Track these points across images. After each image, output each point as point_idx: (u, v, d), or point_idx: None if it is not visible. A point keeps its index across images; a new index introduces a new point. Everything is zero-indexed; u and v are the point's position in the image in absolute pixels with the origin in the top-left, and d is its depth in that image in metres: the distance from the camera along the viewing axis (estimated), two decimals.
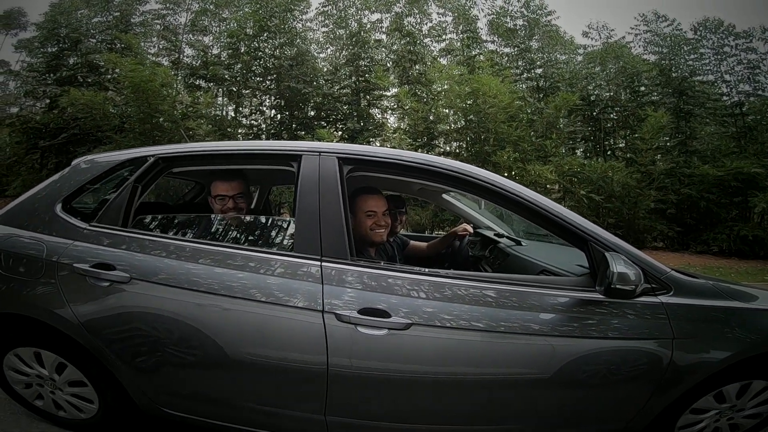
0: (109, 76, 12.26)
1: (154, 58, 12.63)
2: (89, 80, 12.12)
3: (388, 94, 13.18)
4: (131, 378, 1.41)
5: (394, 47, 13.85)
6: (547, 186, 9.82)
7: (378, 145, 11.76)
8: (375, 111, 13.32)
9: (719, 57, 12.93)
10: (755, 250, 9.85)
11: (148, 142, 9.35)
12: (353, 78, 12.98)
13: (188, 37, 13.46)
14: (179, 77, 12.52)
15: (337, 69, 13.33)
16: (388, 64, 13.66)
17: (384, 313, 1.26)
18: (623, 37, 13.45)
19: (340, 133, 12.16)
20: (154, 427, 1.62)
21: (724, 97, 12.83)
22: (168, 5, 13.63)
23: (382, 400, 1.32)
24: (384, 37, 14.15)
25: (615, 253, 1.32)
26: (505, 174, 9.39)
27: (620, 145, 13.11)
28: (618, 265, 1.25)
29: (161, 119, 10.23)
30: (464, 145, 11.66)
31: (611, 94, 12.86)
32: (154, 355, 1.36)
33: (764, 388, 1.55)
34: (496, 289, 1.33)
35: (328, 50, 14.23)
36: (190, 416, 1.43)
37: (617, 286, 1.24)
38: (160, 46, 13.51)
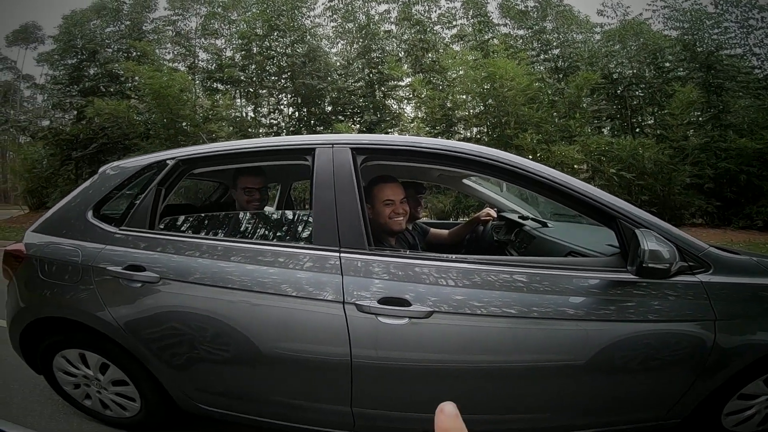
0: (129, 85, 12.65)
1: (170, 64, 12.90)
2: (111, 90, 12.53)
3: (403, 84, 13.03)
4: (168, 376, 1.46)
5: (405, 37, 13.67)
6: (575, 166, 9.49)
7: (397, 135, 11.69)
8: (391, 102, 13.21)
9: (745, 30, 12.24)
10: None
11: (173, 146, 9.58)
12: (366, 70, 12.91)
13: (201, 41, 13.69)
14: (197, 81, 12.77)
15: (350, 63, 13.29)
16: (401, 54, 13.49)
17: (404, 302, 1.25)
18: (640, 14, 12.87)
19: (357, 126, 12.15)
20: (193, 423, 1.67)
21: (756, 71, 12.14)
22: (176, 11, 13.87)
23: (407, 389, 1.32)
24: (393, 27, 13.99)
25: (646, 229, 1.26)
26: (530, 156, 9.14)
27: (649, 122, 12.53)
28: (649, 243, 1.19)
29: (184, 124, 10.49)
30: (485, 130, 11.42)
31: (634, 71, 12.31)
32: (187, 353, 1.40)
33: None
34: (523, 273, 1.30)
35: (339, 45, 14.20)
36: (225, 411, 1.47)
37: (649, 265, 1.18)
38: (175, 52, 13.78)
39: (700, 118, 11.19)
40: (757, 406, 1.48)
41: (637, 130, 12.17)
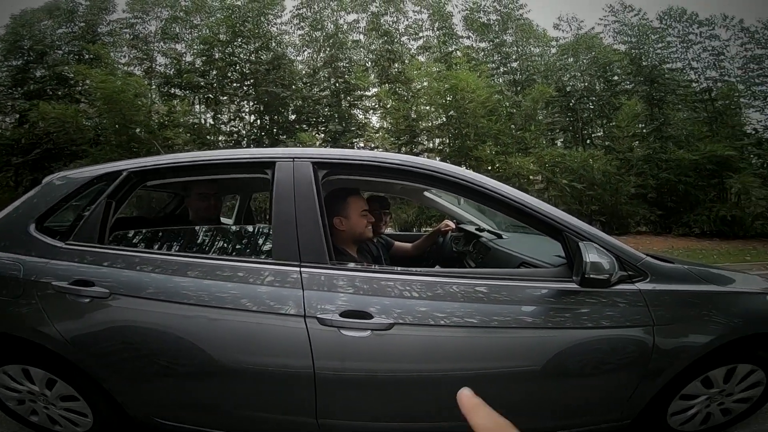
0: (79, 88, 11.92)
1: (125, 68, 12.32)
2: (59, 93, 11.77)
3: (369, 94, 13.15)
4: (121, 391, 1.41)
5: (372, 47, 13.83)
6: (530, 177, 9.95)
7: (362, 145, 11.75)
8: (357, 112, 13.27)
9: (685, 45, 13.38)
10: (734, 230, 10.17)
11: (125, 153, 9.16)
12: (332, 80, 12.92)
13: (160, 46, 13.18)
14: (153, 86, 12.26)
15: (315, 71, 13.24)
16: (368, 64, 13.62)
17: (366, 315, 1.26)
18: (593, 28, 13.77)
19: (322, 135, 12.09)
20: None
21: (693, 84, 13.21)
22: (136, 14, 13.28)
23: (371, 401, 1.33)
24: (361, 37, 14.11)
25: (589, 242, 1.32)
26: (489, 167, 9.49)
27: (598, 134, 13.36)
28: (591, 255, 1.25)
29: (137, 130, 10.03)
30: (447, 141, 11.72)
31: (586, 84, 13.13)
32: (142, 368, 1.36)
33: (750, 372, 1.57)
34: (474, 284, 1.34)
35: (305, 53, 14.13)
36: (184, 425, 1.43)
37: (591, 276, 1.24)
38: (131, 56, 13.18)
39: (644, 130, 12.06)
40: (698, 406, 1.59)
41: (588, 141, 12.92)
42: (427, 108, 11.65)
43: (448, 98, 10.55)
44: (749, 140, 11.84)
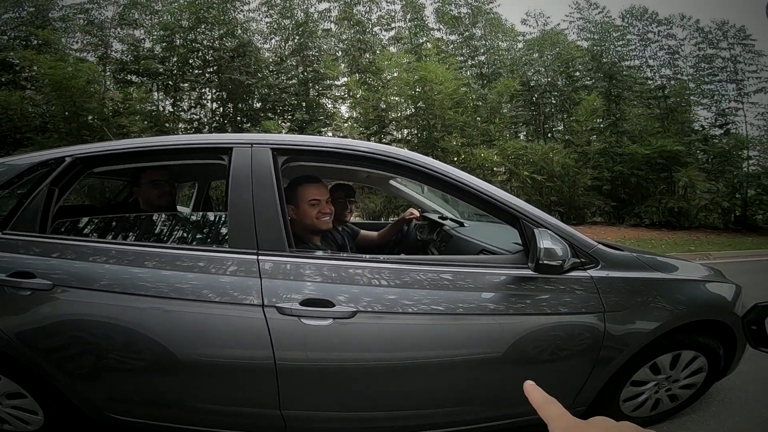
0: (25, 74, 11.05)
1: (78, 54, 11.51)
2: (2, 79, 10.84)
3: (338, 83, 12.96)
4: (72, 387, 1.35)
5: (344, 36, 13.61)
6: (493, 169, 10.18)
7: (330, 134, 11.61)
8: (325, 101, 13.05)
9: (644, 43, 13.85)
10: (681, 221, 10.86)
11: (75, 141, 8.57)
12: (300, 68, 12.62)
13: (117, 32, 12.37)
14: (108, 73, 11.54)
15: (283, 59, 12.89)
16: (338, 54, 13.40)
17: (327, 303, 1.25)
18: (558, 24, 14.06)
19: (288, 124, 11.83)
20: None
21: (649, 81, 13.74)
22: None
23: (336, 390, 1.33)
24: (333, 26, 13.84)
25: (543, 229, 1.36)
26: (455, 159, 9.64)
27: (559, 128, 13.71)
28: (545, 241, 1.29)
29: (89, 117, 9.44)
30: (415, 132, 11.78)
31: (549, 79, 13.40)
32: (93, 363, 1.31)
33: (693, 358, 1.66)
34: (440, 271, 1.35)
35: (273, 41, 13.70)
36: (141, 420, 1.39)
37: (545, 262, 1.28)
38: (85, 42, 12.29)
39: (601, 125, 12.49)
40: (648, 392, 1.67)
41: (549, 135, 13.31)
42: (397, 99, 11.64)
43: (417, 89, 10.57)
44: (696, 136, 12.57)
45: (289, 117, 12.18)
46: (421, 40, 13.68)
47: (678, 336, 1.59)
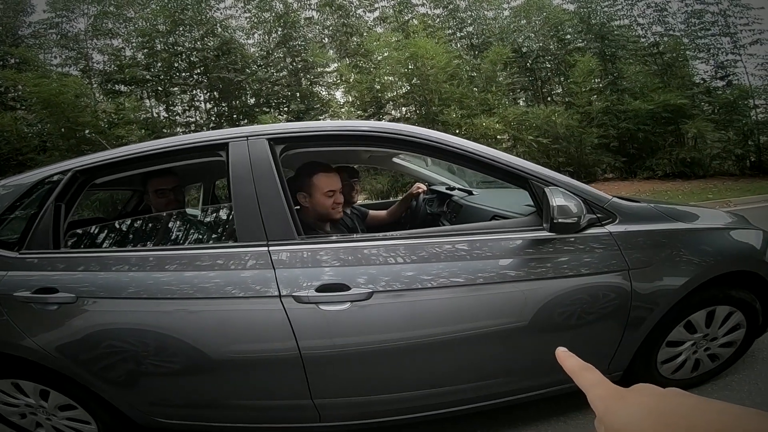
0: (11, 95, 11.06)
1: (59, 69, 11.43)
2: None
3: (330, 70, 12.80)
4: (115, 394, 1.37)
5: (328, 23, 13.37)
6: (497, 137, 10.07)
7: (328, 121, 11.53)
8: (319, 89, 12.93)
9: (630, 2, 13.50)
10: (694, 170, 10.67)
11: (76, 157, 8.62)
12: (288, 59, 12.46)
13: (93, 43, 12.24)
14: (94, 85, 11.48)
15: (269, 53, 12.72)
16: (325, 41, 13.20)
17: (343, 287, 1.23)
18: None
19: (284, 116, 11.76)
20: None
21: (641, 39, 13.45)
22: (59, 13, 12.12)
23: (362, 373, 1.31)
24: (315, 14, 13.59)
25: (554, 187, 1.31)
26: (456, 130, 9.53)
27: (557, 91, 13.54)
28: (557, 199, 1.24)
29: (86, 131, 9.45)
30: (413, 109, 11.67)
31: (541, 44, 13.21)
32: (131, 369, 1.32)
33: (729, 314, 1.57)
34: (455, 242, 1.32)
35: (256, 35, 13.48)
36: (187, 422, 1.41)
37: (560, 220, 1.23)
38: (64, 56, 12.18)
39: (600, 85, 12.27)
40: (686, 353, 1.59)
41: (549, 99, 13.18)
42: (391, 78, 11.48)
43: (410, 67, 10.45)
44: (699, 89, 12.28)
45: (285, 109, 12.09)
46: (406, 18, 13.43)
47: (709, 290, 1.50)
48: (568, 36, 13.36)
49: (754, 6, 12.58)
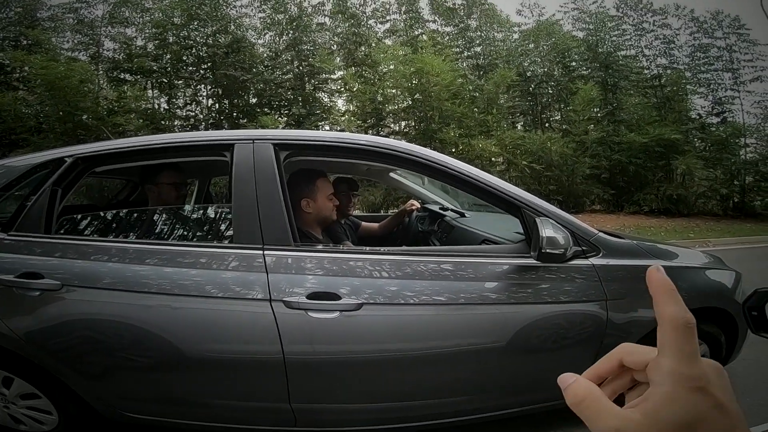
0: (17, 75, 10.97)
1: (69, 54, 11.39)
2: None
3: (334, 77, 12.89)
4: (84, 386, 1.36)
5: (338, 30, 13.51)
6: (492, 159, 10.19)
7: (327, 128, 11.59)
8: (321, 95, 12.99)
9: (639, 33, 13.82)
10: (680, 208, 10.93)
11: (71, 141, 8.54)
12: (296, 63, 12.55)
13: (107, 30, 12.23)
14: (100, 72, 11.44)
15: (278, 54, 12.80)
16: (333, 47, 13.31)
17: (334, 296, 1.26)
18: (553, 15, 13.98)
19: (285, 119, 11.79)
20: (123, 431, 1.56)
21: (645, 71, 13.72)
22: None
23: (343, 382, 1.34)
24: (327, 20, 13.74)
25: (545, 218, 1.36)
26: (452, 150, 9.64)
27: (556, 118, 13.72)
28: (547, 230, 1.29)
29: (84, 117, 9.39)
30: (412, 124, 11.77)
31: (545, 69, 13.38)
32: (103, 361, 1.31)
33: None
34: (440, 262, 1.36)
35: (267, 36, 13.58)
36: (157, 418, 1.40)
37: (547, 250, 1.28)
38: (76, 41, 12.15)
39: (598, 114, 12.50)
40: None
41: (546, 125, 13.34)
42: (393, 91, 11.61)
43: (414, 81, 10.56)
44: (693, 124, 12.61)
45: (286, 112, 12.12)
46: (416, 32, 13.61)
47: None
48: (573, 63, 13.55)
49: (761, 42, 12.89)
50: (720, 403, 0.23)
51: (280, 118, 11.69)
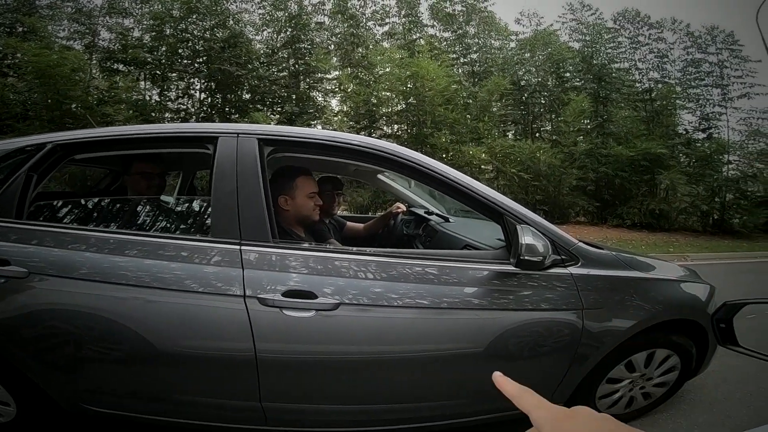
0: (8, 62, 10.75)
1: (64, 42, 11.20)
2: None
3: (330, 77, 12.87)
4: (48, 378, 1.33)
5: (337, 30, 13.50)
6: (481, 166, 10.28)
7: (320, 127, 11.58)
8: (316, 94, 12.97)
9: (634, 46, 14.00)
10: (661, 223, 11.15)
11: (57, 129, 8.26)
12: (292, 60, 12.51)
13: (105, 20, 12.05)
14: (94, 61, 11.26)
15: (274, 51, 12.74)
16: (330, 47, 13.29)
17: (310, 294, 1.25)
18: (551, 25, 14.12)
19: (277, 116, 11.74)
20: (82, 425, 1.55)
21: (637, 84, 13.91)
22: None
23: (317, 382, 1.33)
24: (326, 19, 13.72)
25: (526, 225, 1.37)
26: (443, 155, 9.69)
27: (547, 128, 13.82)
28: (527, 237, 1.30)
29: (73, 105, 9.22)
30: (405, 128, 11.80)
31: (539, 79, 13.48)
32: (71, 354, 1.28)
33: (666, 357, 1.70)
34: (425, 265, 1.36)
35: (265, 32, 13.51)
36: (121, 413, 1.38)
37: (526, 257, 1.30)
38: (71, 30, 11.95)
39: (588, 126, 12.66)
40: (623, 390, 1.70)
41: (537, 135, 13.43)
42: (388, 94, 11.62)
43: (409, 85, 10.58)
44: (680, 140, 12.87)
45: (279, 109, 12.07)
46: (414, 37, 13.65)
47: (653, 334, 1.62)
48: (567, 74, 13.66)
49: (753, 59, 13.13)
50: None
51: (272, 115, 11.64)
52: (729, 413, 1.97)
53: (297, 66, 12.43)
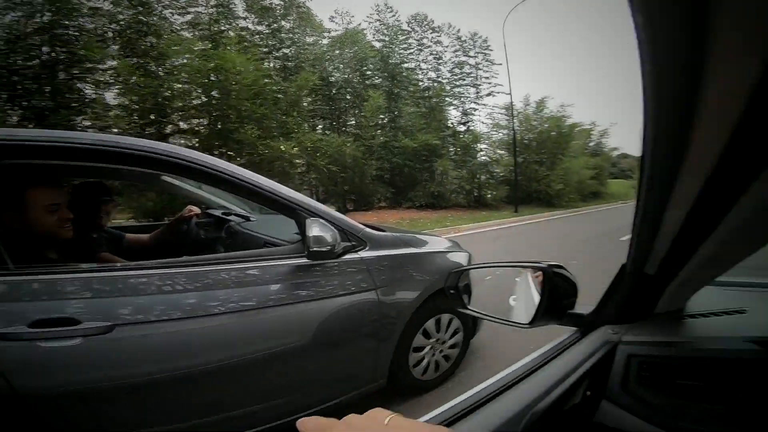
0: None
1: None
2: None
3: (104, 67, 10.52)
4: None
5: (120, 17, 11.05)
6: (293, 161, 10.30)
7: (88, 124, 9.46)
8: (83, 86, 10.42)
9: (420, 48, 16.25)
10: (440, 202, 13.65)
11: None
12: (46, 48, 9.69)
13: None
14: None
15: (19, 38, 9.60)
16: (109, 34, 10.83)
17: (71, 321, 1.09)
18: (360, 24, 14.97)
19: (21, 112, 8.99)
20: None
21: (420, 83, 16.21)
22: None
23: (105, 413, 1.18)
24: (107, 4, 11.03)
25: (315, 218, 1.43)
26: (251, 152, 9.30)
27: (351, 123, 14.86)
28: (314, 229, 1.37)
29: None
30: (206, 122, 10.75)
31: (346, 76, 14.21)
32: None
33: (450, 320, 1.94)
34: (216, 270, 1.30)
35: (8, 17, 9.99)
36: None
37: (315, 249, 1.36)
38: None
39: (384, 121, 14.26)
40: (427, 356, 1.85)
41: (343, 129, 14.39)
42: (184, 86, 10.32)
43: (212, 78, 9.72)
44: (448, 132, 15.82)
45: (24, 103, 9.25)
46: (222, 28, 12.47)
47: (436, 302, 1.80)
48: (369, 72, 14.74)
49: (496, 62, 17.16)
50: None
51: (11, 111, 8.85)
52: (508, 357, 2.43)
53: (55, 54, 9.74)
